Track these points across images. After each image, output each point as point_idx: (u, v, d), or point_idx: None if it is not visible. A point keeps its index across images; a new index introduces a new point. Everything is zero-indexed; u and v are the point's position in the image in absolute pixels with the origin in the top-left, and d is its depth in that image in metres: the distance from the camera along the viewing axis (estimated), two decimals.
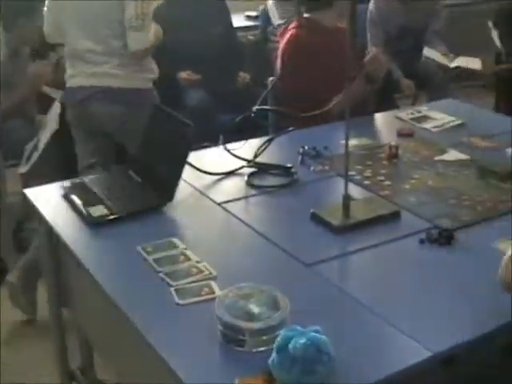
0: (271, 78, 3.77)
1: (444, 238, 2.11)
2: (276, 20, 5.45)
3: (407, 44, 5.35)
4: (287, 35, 3.61)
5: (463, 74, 5.29)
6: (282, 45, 3.64)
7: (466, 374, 1.73)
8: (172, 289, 1.89)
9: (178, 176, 2.34)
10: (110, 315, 1.95)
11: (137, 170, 2.54)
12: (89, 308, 2.32)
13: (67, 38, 3.58)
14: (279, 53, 3.64)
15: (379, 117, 3.40)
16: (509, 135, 2.99)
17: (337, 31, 3.56)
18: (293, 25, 3.65)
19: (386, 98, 4.68)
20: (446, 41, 5.42)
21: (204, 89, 4.82)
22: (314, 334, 1.51)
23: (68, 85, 3.64)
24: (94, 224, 2.24)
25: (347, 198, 2.21)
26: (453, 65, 5.22)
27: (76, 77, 3.58)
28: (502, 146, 2.86)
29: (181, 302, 1.84)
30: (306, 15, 3.68)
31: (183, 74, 4.88)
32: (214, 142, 3.01)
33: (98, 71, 3.51)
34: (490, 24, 5.60)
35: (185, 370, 1.60)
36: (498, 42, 5.51)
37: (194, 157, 2.55)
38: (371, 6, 5.33)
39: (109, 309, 1.91)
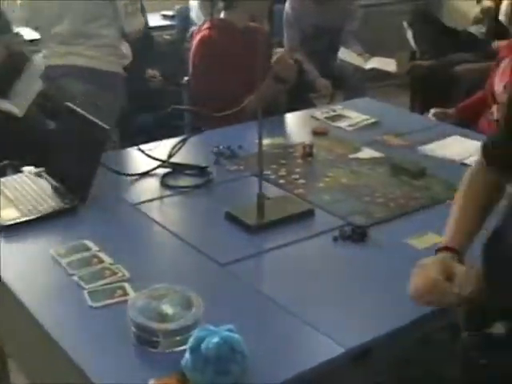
0: (186, 78, 3.76)
1: (357, 235, 2.14)
2: (200, 21, 5.42)
3: (323, 44, 5.40)
4: (198, 36, 3.60)
5: (379, 73, 5.36)
6: (193, 46, 3.62)
7: (379, 370, 1.75)
8: (85, 292, 1.86)
9: (90, 177, 2.31)
10: (22, 320, 1.91)
11: (50, 172, 2.50)
12: (0, 312, 2.27)
13: (43, 20, 3.69)
14: (191, 53, 3.63)
15: (294, 116, 3.42)
16: (421, 133, 3.05)
17: (249, 31, 3.58)
18: (205, 25, 3.64)
19: (302, 98, 4.71)
20: (362, 40, 5.48)
21: None
22: (227, 332, 1.51)
23: None
24: (4, 228, 2.19)
25: (261, 197, 2.21)
26: (368, 66, 5.27)
27: (49, 57, 3.68)
28: (414, 144, 2.92)
29: (94, 304, 1.81)
30: (221, 16, 3.68)
31: None
32: (129, 143, 2.98)
33: (72, 51, 3.62)
34: (405, 24, 5.70)
35: (98, 372, 1.58)
36: (412, 42, 5.61)
37: (108, 158, 2.52)
38: (287, 6, 5.36)
39: (20, 313, 1.88)
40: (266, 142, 2.41)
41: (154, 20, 5.69)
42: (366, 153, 2.82)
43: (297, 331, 1.74)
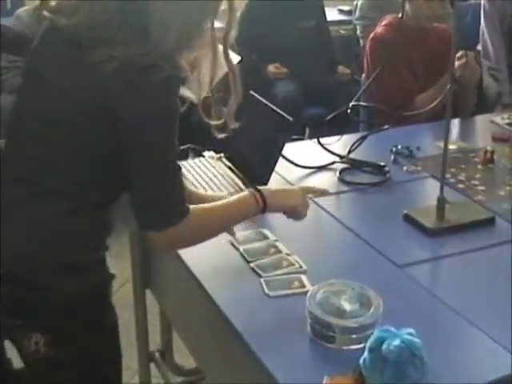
0: (363, 75, 3.74)
1: None
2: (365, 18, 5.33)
3: None
4: (373, 34, 3.57)
5: None
6: (368, 43, 3.59)
7: None
8: (262, 280, 1.89)
9: (271, 167, 2.33)
10: (198, 300, 1.95)
11: (230, 158, 2.55)
12: (174, 292, 2.33)
13: None
14: (366, 50, 3.60)
15: (473, 120, 3.34)
16: None
17: (426, 31, 3.50)
18: (383, 22, 3.59)
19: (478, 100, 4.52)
20: None
21: (293, 81, 4.81)
22: (408, 336, 1.49)
23: None
24: None
25: (442, 201, 2.17)
26: None
27: None
28: None
29: (270, 293, 1.83)
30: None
31: (271, 67, 4.89)
32: (299, 135, 2.99)
33: None
34: None
35: (272, 360, 1.60)
36: None
37: (284, 149, 2.54)
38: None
39: (197, 294, 1.92)
40: None
41: (331, 15, 5.68)
42: None
43: (474, 340, 1.70)
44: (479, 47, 4.66)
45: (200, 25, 1.73)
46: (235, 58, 2.37)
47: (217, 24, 1.78)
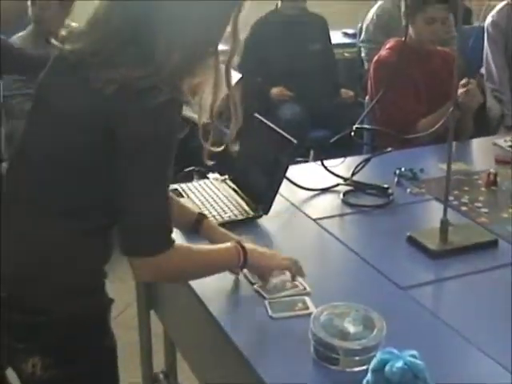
0: (367, 98, 3.76)
1: None
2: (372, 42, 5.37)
3: None
4: (376, 56, 3.60)
5: None
6: (371, 66, 3.63)
7: None
8: (266, 301, 1.89)
9: (275, 189, 2.34)
10: (202, 322, 1.96)
11: (234, 180, 2.57)
12: (178, 313, 2.34)
13: None
14: (370, 73, 3.63)
15: (476, 142, 3.35)
16: None
17: (429, 55, 3.52)
18: (387, 45, 3.61)
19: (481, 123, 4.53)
20: None
21: (298, 104, 4.83)
22: (411, 358, 1.49)
23: None
24: None
25: (445, 223, 2.18)
26: None
27: None
28: None
29: (274, 315, 1.84)
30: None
31: (276, 90, 4.92)
32: (303, 157, 3.01)
33: None
34: None
35: (276, 382, 1.61)
36: None
37: (288, 171, 2.56)
38: (488, 22, 5.00)
39: (201, 315, 1.93)
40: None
41: (336, 37, 5.72)
42: None
43: (477, 363, 1.70)
44: (483, 70, 4.71)
45: (204, 50, 1.74)
46: (235, 76, 2.38)
47: (220, 46, 1.79)
